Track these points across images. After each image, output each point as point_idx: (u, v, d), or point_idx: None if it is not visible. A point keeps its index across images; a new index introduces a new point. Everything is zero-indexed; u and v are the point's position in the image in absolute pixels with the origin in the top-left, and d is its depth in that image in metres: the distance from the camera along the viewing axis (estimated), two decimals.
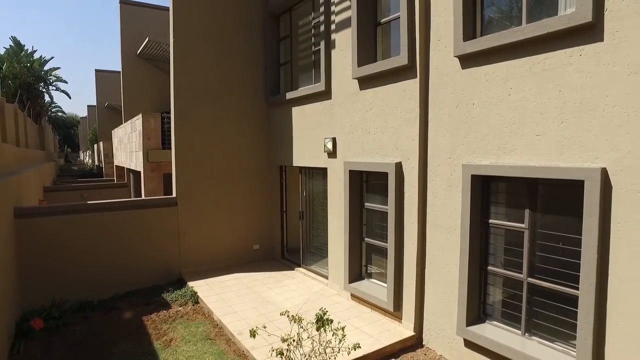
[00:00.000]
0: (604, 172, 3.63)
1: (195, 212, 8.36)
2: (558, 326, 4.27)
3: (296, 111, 8.16)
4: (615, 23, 3.54)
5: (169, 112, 8.65)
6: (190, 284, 7.61)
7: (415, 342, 5.60)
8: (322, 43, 7.21)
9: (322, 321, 4.28)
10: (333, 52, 6.98)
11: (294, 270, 8.50)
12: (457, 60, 4.89)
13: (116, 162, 18.98)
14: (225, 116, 8.63)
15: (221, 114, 8.59)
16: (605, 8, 3.59)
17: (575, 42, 3.81)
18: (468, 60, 4.77)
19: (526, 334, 4.54)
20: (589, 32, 3.70)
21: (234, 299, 6.92)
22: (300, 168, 8.39)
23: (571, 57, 3.85)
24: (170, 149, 8.53)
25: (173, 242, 8.13)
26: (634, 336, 3.52)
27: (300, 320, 4.50)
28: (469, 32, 4.80)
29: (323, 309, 4.44)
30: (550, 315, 4.35)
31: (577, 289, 3.91)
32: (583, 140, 3.79)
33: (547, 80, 4.03)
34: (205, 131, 8.42)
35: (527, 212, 4.43)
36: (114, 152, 19.95)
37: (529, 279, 4.46)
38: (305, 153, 7.95)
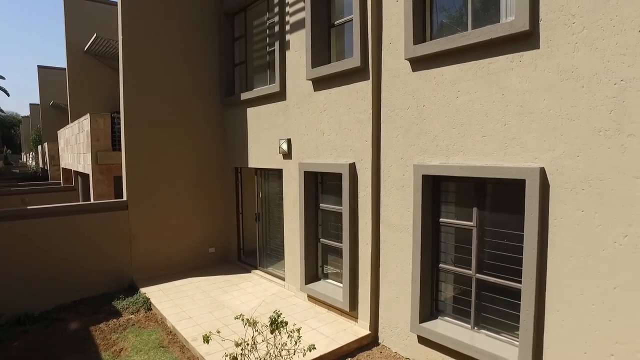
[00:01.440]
0: (542, 172, 3.84)
1: (148, 215, 8.07)
2: (504, 319, 4.47)
3: (251, 112, 8.07)
4: (548, 32, 3.75)
5: (119, 112, 8.30)
6: (143, 290, 7.34)
7: (371, 341, 5.68)
8: (277, 44, 7.18)
9: (276, 324, 4.24)
10: (287, 52, 6.96)
11: (250, 272, 8.41)
12: (408, 63, 5.01)
13: (63, 165, 17.97)
14: (178, 117, 8.39)
15: (174, 114, 8.34)
16: (540, 18, 3.80)
17: (516, 48, 4.00)
18: (418, 63, 4.89)
19: (475, 328, 4.71)
20: (527, 39, 3.90)
21: (189, 304, 6.74)
22: (256, 169, 8.30)
23: (512, 63, 4.04)
24: (120, 150, 8.18)
25: (124, 248, 7.81)
26: (568, 324, 3.75)
27: (255, 323, 4.45)
28: (419, 35, 4.93)
29: (277, 311, 4.41)
30: (497, 309, 4.54)
31: (520, 282, 4.10)
32: (524, 141, 3.99)
33: (491, 83, 4.21)
34: (158, 132, 8.15)
35: (475, 210, 4.60)
36: (60, 153, 18.90)
37: (478, 274, 4.63)
38: (260, 154, 7.87)
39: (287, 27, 6.95)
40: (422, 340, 5.07)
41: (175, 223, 8.43)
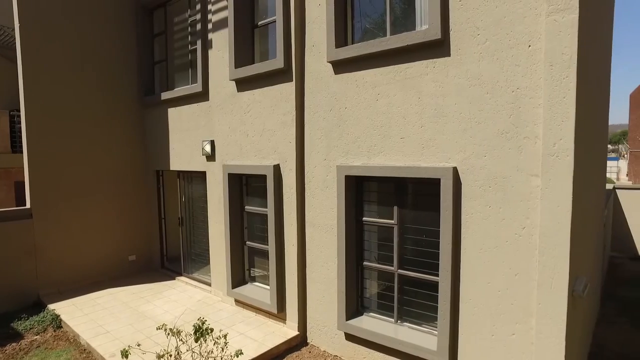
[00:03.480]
0: (455, 171, 4.11)
1: (56, 224, 7.39)
2: (424, 311, 4.72)
3: (172, 112, 7.73)
4: (458, 42, 4.03)
5: (19, 110, 7.49)
6: (52, 306, 6.71)
7: (300, 341, 5.70)
8: (199, 42, 6.95)
9: (201, 331, 4.11)
10: (210, 52, 6.77)
11: (175, 279, 8.05)
12: (330, 65, 5.10)
13: None
14: (90, 116, 7.78)
15: (86, 114, 7.72)
16: (450, 28, 4.07)
17: (430, 55, 4.25)
18: (340, 66, 5.00)
19: (398, 321, 4.92)
20: (440, 47, 4.15)
21: (106, 317, 6.28)
22: (179, 172, 7.97)
23: (427, 68, 4.28)
24: (22, 152, 7.39)
25: (28, 261, 7.07)
26: (479, 310, 4.06)
27: (178, 332, 4.28)
28: (341, 39, 5.04)
29: (202, 318, 4.27)
30: (418, 302, 4.78)
31: (438, 275, 4.35)
32: (439, 142, 4.24)
33: (409, 87, 4.42)
34: (67, 133, 7.49)
35: (395, 209, 4.80)
36: None
37: (399, 270, 4.84)
38: (183, 156, 7.57)
39: (210, 26, 6.75)
40: (349, 337, 5.19)
41: (89, 231, 7.82)
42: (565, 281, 3.50)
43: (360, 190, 5.15)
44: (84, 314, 6.41)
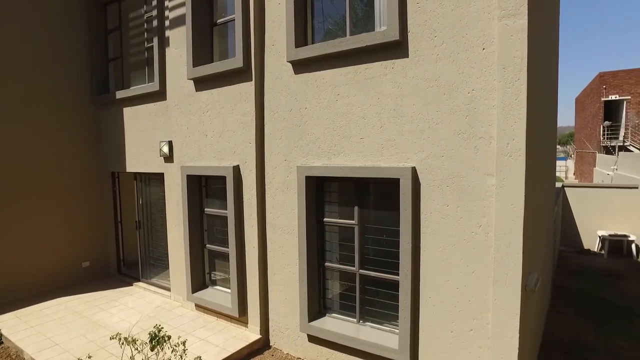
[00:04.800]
0: (414, 171, 4.16)
1: None
2: (385, 310, 4.75)
3: (128, 112, 7.44)
4: (416, 43, 4.08)
5: None
6: None
7: (262, 345, 5.62)
8: (156, 40, 6.72)
9: (157, 339, 3.95)
10: (167, 50, 6.56)
11: (132, 285, 7.76)
12: (290, 65, 5.05)
13: None
14: (37, 118, 7.33)
15: (30, 115, 7.26)
16: (408, 30, 4.11)
17: (389, 56, 4.28)
18: (300, 66, 4.96)
19: (360, 321, 4.94)
20: (398, 48, 4.19)
21: (55, 328, 5.94)
22: (135, 174, 7.68)
23: (386, 69, 4.31)
24: None
25: None
26: (438, 308, 4.13)
27: (134, 341, 4.10)
28: (301, 39, 5.00)
29: (158, 325, 4.11)
30: (379, 301, 4.81)
31: (398, 274, 4.39)
32: (398, 142, 4.28)
33: (368, 88, 4.44)
34: (9, 135, 7.00)
35: (356, 209, 4.81)
36: None
37: (361, 270, 4.86)
38: (139, 157, 7.30)
39: (167, 23, 6.54)
40: (312, 339, 5.16)
41: (37, 237, 7.38)
42: (518, 277, 3.61)
43: (321, 191, 5.13)
44: (29, 327, 6.03)
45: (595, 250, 11.98)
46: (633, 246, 11.31)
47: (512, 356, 3.67)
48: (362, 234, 4.83)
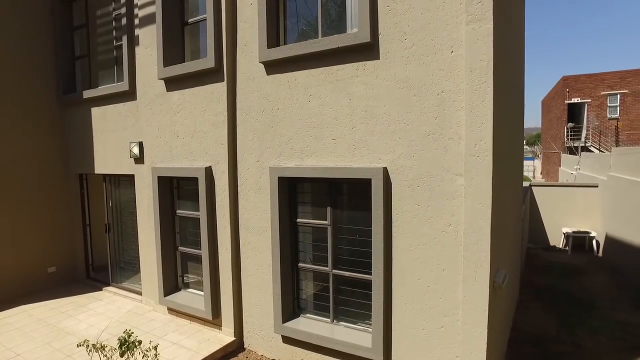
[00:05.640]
0: (385, 171, 4.22)
1: None
2: (359, 309, 4.80)
3: (97, 112, 7.24)
4: (387, 45, 4.14)
5: None
6: None
7: (236, 347, 5.58)
8: (125, 38, 6.57)
9: (127, 344, 3.87)
10: (137, 48, 6.42)
11: (102, 290, 7.56)
12: (262, 66, 5.03)
13: None
14: None
15: None
16: (379, 32, 4.17)
17: (360, 57, 4.32)
18: (272, 67, 4.95)
19: (335, 321, 4.96)
20: (369, 50, 4.24)
21: (17, 338, 5.71)
22: (104, 175, 7.49)
23: (357, 70, 4.35)
24: None
25: None
26: (410, 306, 4.20)
27: (102, 347, 4.01)
28: (273, 39, 4.99)
29: (128, 330, 4.02)
30: (353, 301, 4.85)
31: (371, 274, 4.44)
32: (369, 143, 4.33)
33: (340, 89, 4.47)
34: None
35: (329, 209, 4.84)
36: None
37: (334, 270, 4.89)
38: (109, 159, 7.12)
39: (136, 21, 6.41)
40: (287, 340, 5.16)
41: None
42: (486, 274, 3.71)
43: (294, 192, 5.13)
44: None
45: (561, 246, 12.44)
46: (594, 242, 11.80)
47: (481, 350, 3.78)
48: (335, 234, 4.86)
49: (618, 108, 23.27)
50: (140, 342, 4.01)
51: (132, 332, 4.02)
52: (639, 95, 22.76)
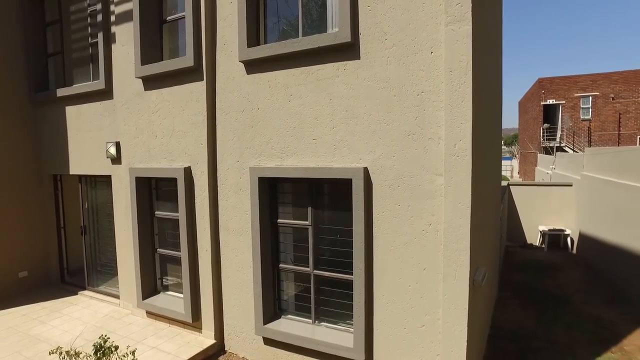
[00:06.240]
0: (366, 171, 4.23)
1: None
2: (340, 309, 4.79)
3: (71, 111, 7.05)
4: (367, 45, 4.15)
5: None
6: None
7: (217, 350, 5.50)
8: (101, 35, 6.42)
9: (102, 350, 3.77)
10: (114, 46, 6.28)
11: (77, 295, 7.35)
12: (242, 65, 4.98)
13: None
14: None
15: None
16: (360, 32, 4.18)
17: (341, 57, 4.32)
18: (252, 66, 4.91)
19: (316, 322, 4.95)
20: (350, 50, 4.24)
21: None
22: (80, 176, 7.29)
23: (338, 70, 4.35)
24: None
25: None
26: (391, 306, 4.22)
27: (77, 354, 3.90)
28: (253, 38, 4.95)
29: (104, 336, 3.92)
30: (334, 301, 4.84)
31: (352, 274, 4.44)
32: (350, 143, 4.33)
33: (320, 89, 4.46)
34: None
35: (309, 210, 4.82)
36: None
37: (315, 271, 4.87)
38: (85, 159, 6.94)
39: (113, 18, 6.26)
40: (268, 342, 5.11)
41: None
42: (466, 272, 3.76)
43: (274, 192, 5.10)
44: None
45: (537, 244, 12.72)
46: (568, 239, 12.12)
47: (462, 348, 3.82)
48: (316, 234, 4.84)
49: (590, 110, 23.99)
50: (117, 348, 3.91)
51: (109, 337, 3.93)
52: (608, 97, 23.52)
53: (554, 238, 12.28)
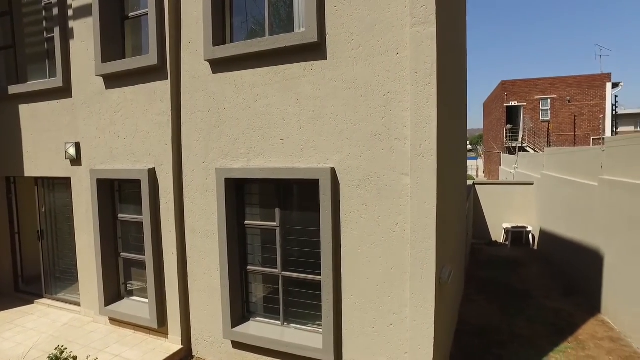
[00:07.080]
0: (333, 171, 4.22)
1: None
2: (309, 310, 4.77)
3: (25, 110, 6.71)
4: (334, 46, 4.15)
5: None
6: None
7: (184, 355, 5.37)
8: (57, 30, 6.13)
9: None
10: (72, 42, 6.02)
11: (33, 303, 7.01)
12: (208, 64, 4.88)
13: None
14: None
15: None
16: (327, 32, 4.17)
17: (308, 57, 4.30)
18: (218, 65, 4.82)
19: (285, 324, 4.90)
20: (317, 50, 4.23)
21: None
22: (36, 179, 6.95)
23: (305, 70, 4.32)
24: None
25: None
26: (360, 305, 4.23)
27: None
28: (219, 37, 4.86)
29: (61, 346, 3.74)
30: (303, 302, 4.81)
31: (321, 274, 4.42)
32: (317, 143, 4.32)
33: (287, 89, 4.42)
34: None
35: (277, 210, 4.78)
36: None
37: (284, 272, 4.83)
38: (41, 160, 6.62)
39: (70, 12, 6.00)
40: (237, 345, 5.03)
41: None
42: (432, 271, 3.81)
43: (242, 193, 5.02)
44: None
45: (502, 241, 13.12)
46: (530, 236, 12.56)
47: (429, 345, 3.87)
48: (284, 235, 4.80)
49: (549, 111, 25.00)
50: (75, 358, 3.74)
51: (66, 348, 3.75)
52: (565, 100, 24.61)
53: (517, 235, 12.70)
